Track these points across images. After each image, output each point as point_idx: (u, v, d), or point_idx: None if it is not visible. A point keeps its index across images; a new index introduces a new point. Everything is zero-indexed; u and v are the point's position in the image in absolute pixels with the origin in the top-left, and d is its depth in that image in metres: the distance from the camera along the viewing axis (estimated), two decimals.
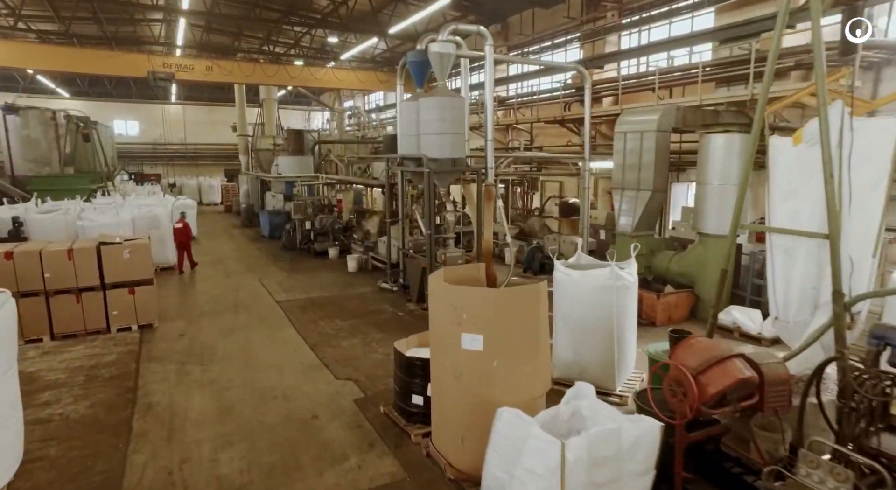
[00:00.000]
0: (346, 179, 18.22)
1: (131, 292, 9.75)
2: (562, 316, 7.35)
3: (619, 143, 11.46)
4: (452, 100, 10.47)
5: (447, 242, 10.95)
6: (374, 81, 23.63)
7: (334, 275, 14.65)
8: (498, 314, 4.82)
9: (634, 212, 11.24)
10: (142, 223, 14.75)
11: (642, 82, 14.41)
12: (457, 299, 4.92)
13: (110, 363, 8.22)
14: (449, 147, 10.48)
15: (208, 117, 42.22)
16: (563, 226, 14.78)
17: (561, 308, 7.38)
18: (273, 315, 10.96)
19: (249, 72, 21.23)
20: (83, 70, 19.95)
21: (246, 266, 15.95)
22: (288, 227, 18.65)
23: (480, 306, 4.83)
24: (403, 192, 12.55)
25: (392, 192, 15.30)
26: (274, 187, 23.70)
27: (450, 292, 4.98)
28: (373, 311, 11.25)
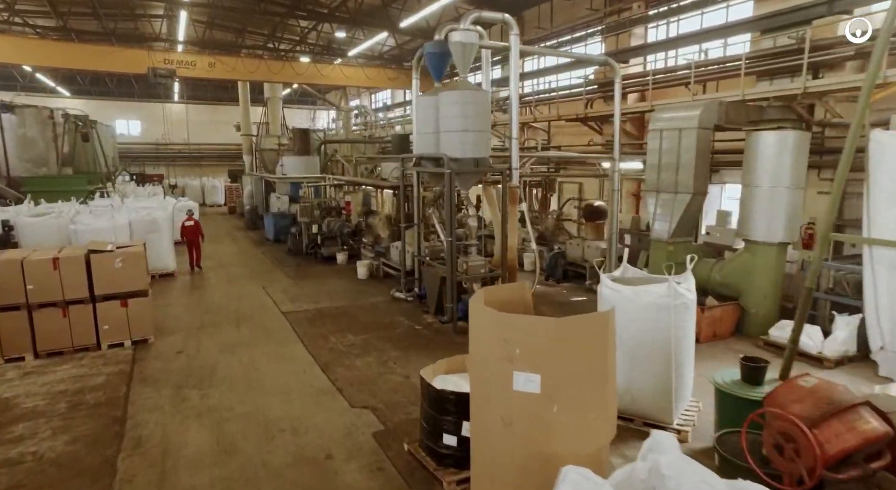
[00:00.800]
0: (355, 180, 17.35)
1: (124, 305, 8.89)
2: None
3: (654, 142, 10.53)
4: (475, 94, 9.58)
5: (469, 250, 10.05)
6: (382, 78, 22.76)
7: (343, 282, 13.77)
8: (560, 349, 3.91)
9: (671, 216, 10.31)
10: (140, 227, 13.91)
11: (671, 77, 13.49)
12: (508, 330, 4.02)
13: (98, 386, 7.34)
14: (472, 146, 9.58)
15: (211, 117, 41.42)
16: (587, 230, 13.89)
17: None
18: (279, 328, 10.08)
19: (253, 68, 20.38)
20: (81, 66, 19.12)
21: (250, 272, 15.08)
22: (293, 231, 17.78)
23: (538, 339, 3.93)
24: (419, 194, 11.66)
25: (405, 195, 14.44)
26: (279, 189, 22.84)
27: (499, 322, 4.07)
28: (387, 323, 10.36)
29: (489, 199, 11.09)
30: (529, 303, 5.07)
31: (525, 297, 5.06)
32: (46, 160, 21.88)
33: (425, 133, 10.56)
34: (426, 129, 10.53)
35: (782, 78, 10.83)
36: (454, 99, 9.49)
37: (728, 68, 12.03)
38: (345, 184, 17.77)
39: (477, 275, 9.87)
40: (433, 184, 11.06)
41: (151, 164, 40.24)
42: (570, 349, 3.94)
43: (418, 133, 10.72)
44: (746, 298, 9.57)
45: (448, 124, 9.62)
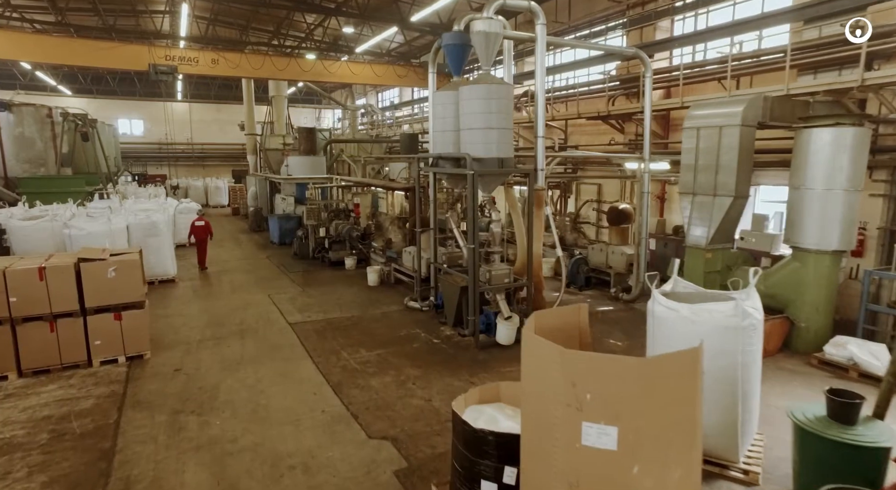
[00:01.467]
0: (366, 182, 16.58)
1: (117, 318, 8.14)
2: None
3: (690, 141, 9.75)
4: (500, 88, 8.80)
5: (491, 257, 9.27)
6: (391, 76, 21.97)
7: (353, 290, 13.00)
8: (644, 395, 3.13)
9: (709, 221, 9.52)
10: (138, 231, 13.20)
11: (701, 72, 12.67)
12: (577, 371, 3.25)
13: (86, 412, 6.60)
14: (496, 144, 8.81)
15: (215, 116, 40.77)
16: (611, 234, 13.11)
17: (661, 351, 5.67)
18: (286, 342, 9.32)
19: (258, 65, 19.62)
20: (79, 62, 18.39)
21: (254, 278, 14.33)
22: (300, 234, 17.04)
23: (617, 384, 3.15)
24: (435, 196, 10.89)
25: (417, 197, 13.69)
26: (284, 190, 22.13)
27: (565, 360, 3.29)
28: (403, 337, 9.59)
29: (511, 201, 10.31)
30: (587, 329, 4.30)
31: (582, 323, 4.29)
32: (45, 160, 21.23)
33: (444, 131, 9.80)
34: (445, 127, 9.77)
35: (828, 71, 10.01)
36: (477, 94, 8.71)
37: (763, 62, 11.22)
38: (353, 185, 17.00)
39: (501, 285, 9.09)
40: (452, 186, 10.28)
41: (154, 164, 39.60)
42: (656, 395, 3.16)
43: (436, 131, 9.95)
44: (795, 311, 8.77)
45: (470, 121, 8.85)
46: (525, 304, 9.53)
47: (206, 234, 15.59)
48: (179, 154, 40.06)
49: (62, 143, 20.73)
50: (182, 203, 19.56)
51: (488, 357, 8.64)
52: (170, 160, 40.02)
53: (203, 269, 15.42)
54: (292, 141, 26.30)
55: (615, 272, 12.80)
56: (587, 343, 4.32)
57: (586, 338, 4.30)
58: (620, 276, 12.76)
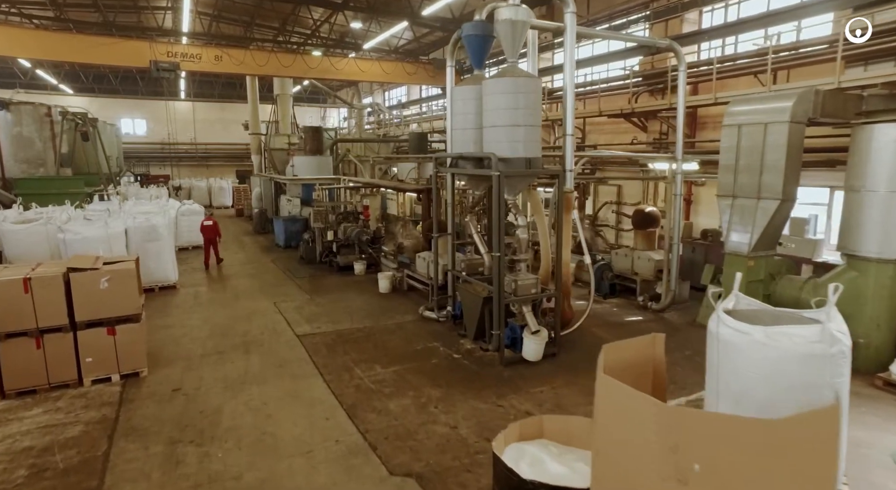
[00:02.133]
0: (376, 182, 15.85)
1: (111, 332, 7.44)
2: (731, 397, 4.89)
3: (730, 139, 9.01)
4: (528, 82, 8.07)
5: (517, 266, 8.53)
6: (400, 73, 21.27)
7: (364, 297, 12.28)
8: (771, 466, 2.40)
9: (752, 226, 8.78)
10: (137, 235, 12.52)
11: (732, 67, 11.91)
12: (679, 433, 2.52)
13: (72, 441, 5.90)
14: (523, 143, 8.08)
15: (219, 115, 40.12)
16: (636, 239, 12.37)
17: (728, 384, 4.91)
18: (294, 357, 8.61)
19: (263, 62, 18.93)
20: (78, 59, 17.72)
21: (259, 284, 13.63)
22: (306, 237, 16.34)
23: (735, 451, 2.42)
24: (452, 199, 10.16)
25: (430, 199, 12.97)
26: (289, 191, 21.46)
27: (661, 418, 2.57)
28: (420, 351, 8.87)
29: (535, 204, 9.57)
30: (663, 365, 3.58)
31: (657, 357, 3.57)
32: (44, 160, 20.61)
33: (464, 129, 9.08)
34: (465, 125, 9.05)
35: (880, 62, 9.25)
36: (503, 88, 7.99)
37: (805, 54, 10.46)
38: (362, 186, 16.29)
39: (527, 295, 8.36)
40: (472, 188, 9.56)
41: (157, 164, 38.98)
42: (786, 466, 2.43)
43: (455, 129, 9.23)
44: (853, 326, 7.97)
45: (495, 118, 8.12)
46: (552, 316, 8.79)
47: (214, 235, 15.53)
48: (183, 154, 39.42)
49: (61, 142, 20.08)
50: (185, 204, 18.88)
51: (514, 375, 7.91)
52: (173, 160, 39.39)
53: (217, 264, 15.62)
54: (297, 140, 25.63)
55: (641, 279, 12.06)
56: (662, 381, 3.60)
57: (662, 376, 3.58)
58: (647, 283, 12.02)
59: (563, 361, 8.40)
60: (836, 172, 10.28)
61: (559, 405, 6.96)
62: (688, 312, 10.99)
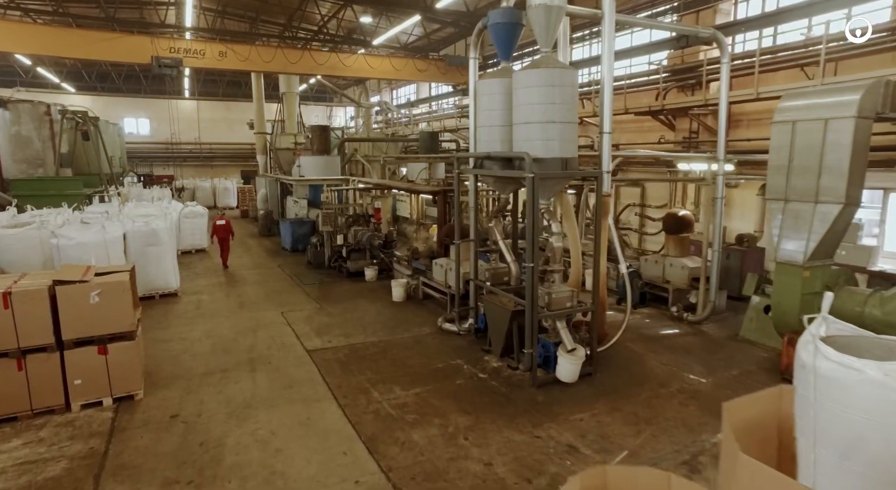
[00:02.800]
0: (388, 184, 15.07)
1: (102, 352, 6.69)
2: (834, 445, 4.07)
3: (782, 137, 8.19)
4: (564, 74, 7.28)
5: (550, 277, 7.73)
6: (410, 70, 20.51)
7: (377, 307, 11.52)
8: None
9: (808, 232, 7.95)
10: (137, 239, 11.79)
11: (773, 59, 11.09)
12: None
13: (52, 483, 5.15)
14: (558, 142, 7.30)
15: (224, 114, 39.47)
16: (668, 245, 11.58)
17: (830, 430, 4.09)
18: (305, 377, 7.84)
19: (269, 58, 18.22)
20: (76, 54, 17.09)
21: (265, 291, 12.87)
22: (314, 241, 15.59)
23: None
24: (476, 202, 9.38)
25: (446, 201, 12.21)
26: (296, 192, 20.71)
27: None
28: (442, 370, 8.09)
29: (566, 209, 8.78)
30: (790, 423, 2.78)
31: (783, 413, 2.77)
32: (43, 160, 19.93)
33: (490, 126, 8.30)
34: (491, 122, 8.27)
35: None
36: (537, 80, 7.20)
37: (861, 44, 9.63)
38: (373, 188, 15.52)
39: (562, 310, 7.57)
40: (498, 190, 8.77)
41: (161, 164, 38.35)
42: None
43: (481, 126, 8.44)
44: None
45: (527, 114, 7.34)
46: (585, 330, 8.00)
47: (227, 234, 15.54)
48: (187, 154, 38.79)
49: (60, 142, 19.39)
50: (188, 206, 18.16)
51: (549, 399, 7.13)
52: (177, 160, 38.77)
53: (219, 270, 15.46)
54: (304, 140, 24.92)
55: (674, 288, 11.25)
56: (790, 444, 2.80)
57: (790, 437, 2.79)
58: (680, 292, 11.22)
59: (601, 383, 7.61)
60: (892, 173, 9.47)
61: (603, 436, 6.17)
62: (727, 325, 10.18)
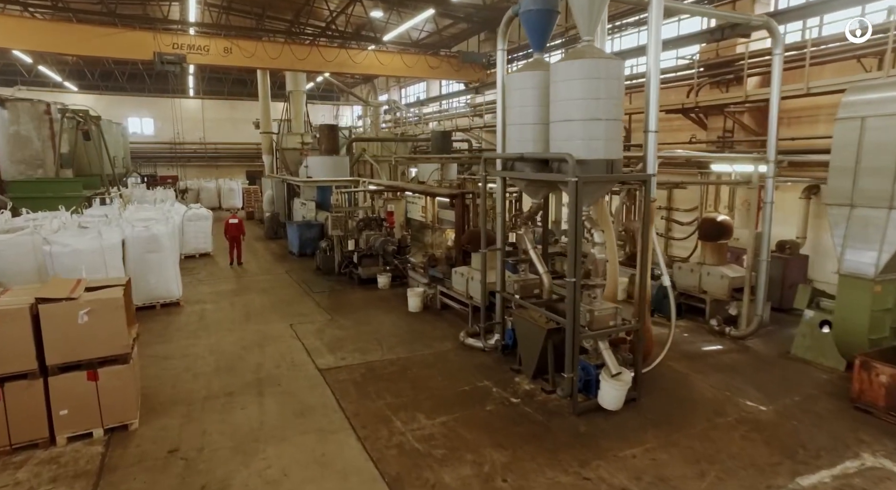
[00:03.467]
0: (402, 186, 14.31)
1: (92, 377, 5.95)
2: None
3: (847, 135, 7.42)
4: (610, 65, 6.49)
5: (591, 292, 6.93)
6: (422, 67, 19.75)
7: (392, 318, 10.75)
8: None
9: (881, 242, 7.15)
10: (136, 246, 11.06)
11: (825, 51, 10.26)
12: None
13: None
14: (604, 142, 6.51)
15: (229, 114, 38.82)
16: (704, 252, 10.77)
17: None
18: (318, 402, 7.08)
19: (276, 54, 17.49)
20: (74, 51, 16.43)
21: (272, 300, 12.13)
22: (324, 245, 14.83)
23: None
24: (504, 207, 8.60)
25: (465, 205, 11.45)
26: (304, 193, 19.98)
27: None
28: (469, 393, 7.32)
29: (603, 215, 7.98)
30: None
31: None
32: (43, 161, 19.31)
33: (521, 125, 7.52)
34: (522, 119, 7.49)
35: None
36: (580, 72, 6.41)
37: None
38: (385, 190, 14.75)
39: (605, 328, 6.77)
40: (530, 195, 7.99)
41: (165, 164, 37.71)
42: None
43: (512, 125, 7.66)
44: None
45: (568, 110, 6.55)
46: (629, 350, 7.20)
47: (239, 233, 15.82)
48: (191, 154, 38.15)
49: (60, 141, 18.72)
50: (191, 209, 17.44)
51: (593, 429, 6.35)
52: (182, 161, 38.13)
53: (235, 263, 15.84)
54: (311, 140, 24.22)
55: (711, 298, 10.45)
56: None
57: None
58: (718, 303, 10.41)
59: (648, 410, 6.82)
60: None
61: (662, 478, 5.38)
62: (774, 340, 9.37)
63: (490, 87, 22.05)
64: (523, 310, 7.96)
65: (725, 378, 7.82)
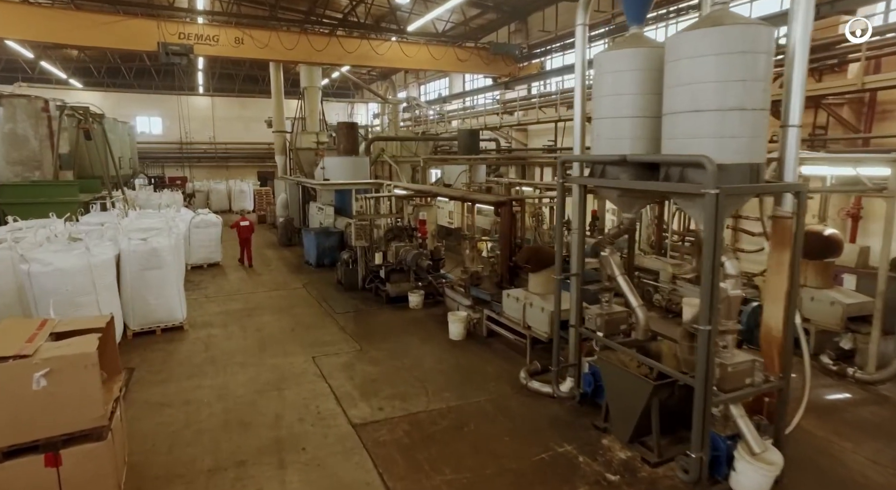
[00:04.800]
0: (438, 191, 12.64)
1: (52, 462, 4.34)
2: None
3: None
4: (759, 34, 4.77)
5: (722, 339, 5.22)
6: (450, 59, 18.09)
7: (432, 348, 9.11)
8: None
9: None
10: (133, 261, 9.50)
11: None
12: None
13: None
14: (747, 140, 4.81)
15: (240, 112, 37.41)
16: (807, 272, 9.07)
17: None
18: (356, 478, 5.43)
19: (291, 45, 15.91)
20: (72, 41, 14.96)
21: (290, 323, 10.52)
22: (345, 257, 13.19)
23: None
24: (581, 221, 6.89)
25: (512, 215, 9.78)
26: (321, 197, 18.39)
27: None
28: (548, 464, 5.64)
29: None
30: None
31: None
32: (41, 162, 17.88)
33: (617, 118, 5.83)
34: (618, 111, 5.81)
35: None
36: (718, 43, 4.71)
37: None
38: (414, 195, 13.10)
39: (740, 388, 5.06)
40: (622, 208, 6.28)
41: (174, 165, 36.32)
42: None
43: (601, 118, 5.97)
44: None
45: (695, 97, 4.85)
46: (766, 417, 5.49)
47: (250, 234, 15.73)
48: (201, 154, 36.75)
49: (58, 141, 17.24)
50: (199, 214, 15.89)
51: None
52: (191, 161, 36.75)
53: (246, 264, 15.79)
54: (327, 139, 22.65)
55: (817, 329, 8.70)
56: None
57: None
58: (826, 334, 8.66)
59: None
60: None
61: None
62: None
63: (521, 82, 20.36)
64: (611, 353, 6.28)
65: (883, 447, 6.05)
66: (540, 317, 8.05)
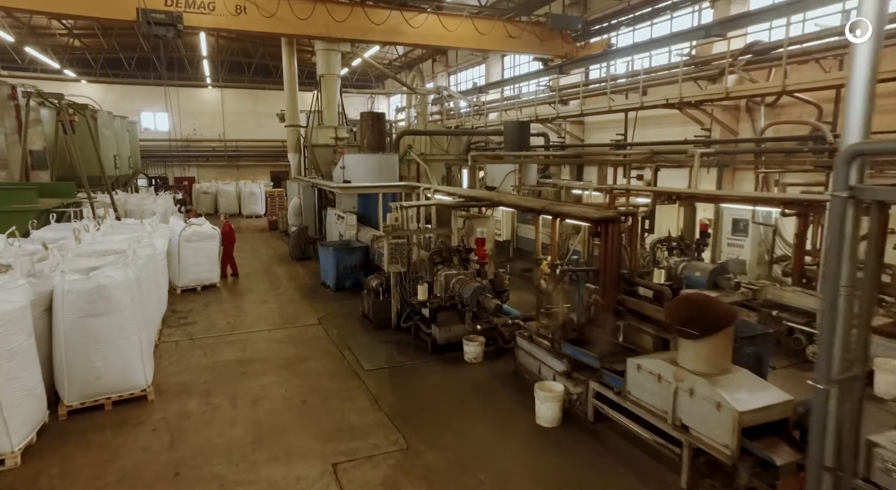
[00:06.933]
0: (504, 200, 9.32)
1: None
2: None
3: None
4: None
5: None
6: (498, 35, 14.80)
7: (517, 444, 5.88)
8: None
9: None
10: (71, 307, 6.42)
11: None
12: None
13: None
14: None
15: (251, 108, 34.52)
16: None
17: None
18: None
19: (305, 14, 12.78)
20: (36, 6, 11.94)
21: (300, 390, 7.34)
22: (374, 284, 10.00)
23: None
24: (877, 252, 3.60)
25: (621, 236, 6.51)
26: (341, 203, 15.27)
27: None
28: None
29: None
30: None
31: None
32: (6, 161, 15.07)
33: None
34: None
35: None
36: None
37: None
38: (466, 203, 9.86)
39: None
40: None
41: (180, 164, 33.51)
42: None
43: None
44: None
45: None
46: None
47: (232, 241, 14.11)
48: (209, 152, 33.92)
49: (25, 135, 14.31)
50: (191, 225, 12.83)
51: None
52: (199, 160, 33.92)
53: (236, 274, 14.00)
54: (347, 134, 19.51)
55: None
56: None
57: None
58: None
59: None
60: None
61: None
62: None
63: (577, 65, 17.01)
64: None
65: None
66: (712, 416, 4.79)
